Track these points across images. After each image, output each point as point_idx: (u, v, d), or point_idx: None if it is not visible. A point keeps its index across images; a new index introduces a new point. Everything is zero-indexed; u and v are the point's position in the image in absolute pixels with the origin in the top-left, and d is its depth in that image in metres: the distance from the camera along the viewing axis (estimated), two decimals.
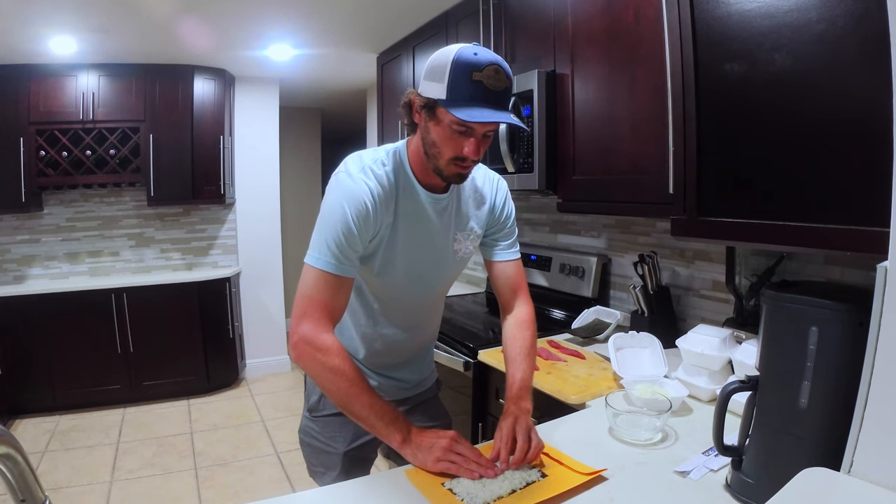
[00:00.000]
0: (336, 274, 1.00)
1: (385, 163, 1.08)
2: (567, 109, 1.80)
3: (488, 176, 1.25)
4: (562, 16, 1.81)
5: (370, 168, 1.05)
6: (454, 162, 1.01)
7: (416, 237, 1.11)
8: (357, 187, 1.02)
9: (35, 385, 3.47)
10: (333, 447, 1.23)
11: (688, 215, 1.26)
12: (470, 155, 0.99)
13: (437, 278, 1.20)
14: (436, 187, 1.11)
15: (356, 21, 2.90)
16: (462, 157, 1.00)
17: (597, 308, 1.94)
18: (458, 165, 1.02)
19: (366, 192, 1.02)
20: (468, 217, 1.19)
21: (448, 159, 1.01)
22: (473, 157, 1.00)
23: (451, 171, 1.03)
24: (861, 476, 0.70)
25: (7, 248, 3.80)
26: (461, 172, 1.03)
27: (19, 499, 0.56)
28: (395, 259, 1.10)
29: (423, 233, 1.12)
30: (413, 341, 1.26)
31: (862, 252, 0.89)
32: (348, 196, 1.01)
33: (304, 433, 1.29)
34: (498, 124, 0.99)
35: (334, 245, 1.00)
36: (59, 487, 2.67)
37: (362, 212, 1.01)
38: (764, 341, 0.88)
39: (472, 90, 0.93)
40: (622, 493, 0.90)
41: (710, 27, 1.17)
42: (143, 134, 3.67)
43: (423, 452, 0.95)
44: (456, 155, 1.00)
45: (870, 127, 0.89)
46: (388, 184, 1.06)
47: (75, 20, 2.77)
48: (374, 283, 1.15)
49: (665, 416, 1.10)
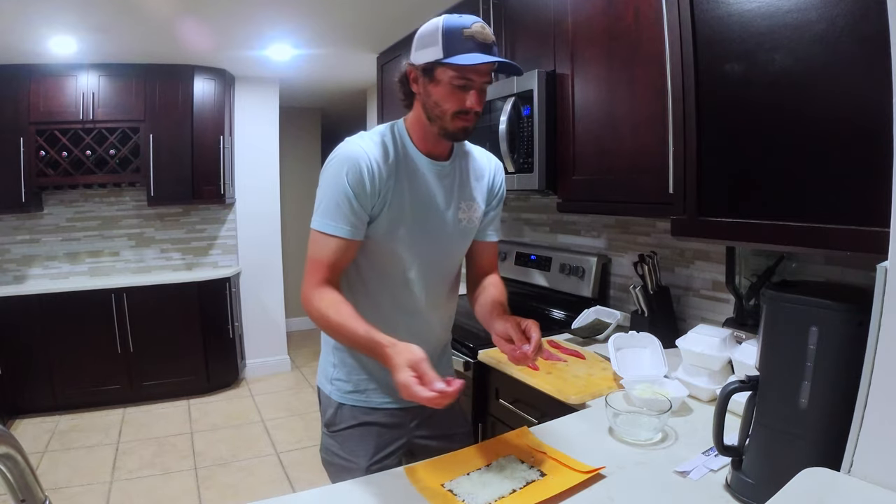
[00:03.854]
0: (333, 235, 1.06)
1: (383, 133, 1.14)
2: (567, 109, 1.80)
3: (487, 155, 1.30)
4: (562, 16, 1.81)
5: (367, 136, 1.12)
6: (458, 116, 1.07)
7: (421, 199, 1.15)
8: (353, 150, 1.08)
9: (35, 385, 3.47)
10: (355, 462, 1.17)
11: (688, 215, 1.26)
12: (473, 106, 1.06)
13: (446, 244, 1.21)
14: (437, 156, 1.16)
15: (356, 21, 2.90)
16: (465, 111, 1.06)
17: (597, 308, 1.94)
18: (462, 119, 1.07)
19: (362, 154, 1.07)
20: (471, 188, 1.23)
21: (452, 115, 1.07)
22: (476, 109, 1.07)
23: (457, 126, 1.08)
24: (861, 476, 0.70)
25: (7, 248, 3.80)
26: (466, 126, 1.09)
27: (19, 499, 0.56)
28: (404, 219, 1.13)
29: (428, 196, 1.16)
30: (432, 330, 1.25)
31: (862, 252, 0.89)
32: (344, 159, 1.07)
33: (325, 452, 1.24)
34: (491, 75, 1.08)
35: (332, 206, 1.06)
36: (59, 487, 2.67)
37: (359, 173, 1.06)
38: (764, 341, 0.88)
39: (468, 45, 1.02)
40: (622, 493, 0.90)
41: (710, 27, 1.17)
42: (143, 134, 3.67)
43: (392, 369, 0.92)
44: (459, 108, 1.06)
45: (870, 127, 0.89)
46: (387, 149, 1.11)
47: (75, 20, 2.77)
48: (387, 250, 1.14)
49: (665, 416, 1.10)
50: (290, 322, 4.77)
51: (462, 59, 1.01)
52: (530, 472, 0.96)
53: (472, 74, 1.04)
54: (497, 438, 1.11)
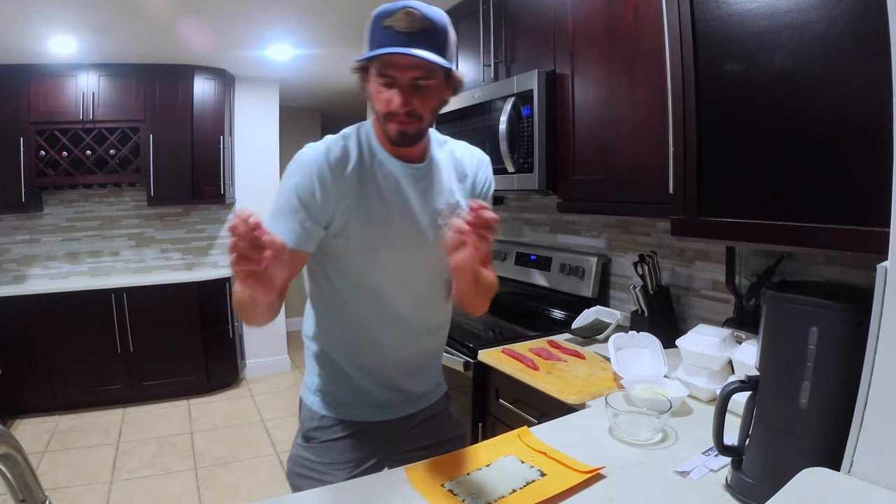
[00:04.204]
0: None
1: (347, 135, 1.06)
2: (567, 109, 1.80)
3: (470, 150, 1.19)
4: (562, 16, 1.81)
5: (327, 140, 1.04)
6: (389, 118, 0.97)
7: (394, 207, 1.05)
8: (307, 157, 1.01)
9: (35, 385, 3.47)
10: (333, 475, 1.07)
11: (688, 215, 1.26)
12: (396, 108, 0.94)
13: (426, 253, 1.10)
14: (410, 157, 1.06)
15: (356, 21, 2.88)
16: (392, 112, 0.96)
17: (597, 308, 1.94)
18: (395, 122, 0.97)
19: (316, 161, 1.00)
20: (452, 191, 1.11)
21: (383, 116, 0.98)
22: (399, 110, 0.95)
23: (391, 129, 0.98)
24: (861, 476, 0.70)
25: (7, 248, 3.81)
26: (400, 129, 0.98)
27: (19, 499, 0.56)
28: (375, 230, 1.04)
29: (401, 203, 1.06)
30: (419, 338, 1.15)
31: (862, 252, 0.89)
32: (297, 166, 1.01)
33: (297, 464, 1.13)
34: (431, 69, 0.93)
35: (278, 213, 0.99)
36: (59, 487, 2.67)
37: (310, 181, 0.98)
38: (764, 341, 0.88)
39: (382, 36, 0.92)
40: (622, 493, 0.90)
41: (710, 27, 1.17)
42: (143, 134, 3.67)
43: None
44: (386, 110, 0.96)
45: (870, 127, 0.89)
46: (348, 154, 1.02)
47: (75, 20, 2.77)
48: (361, 262, 1.06)
49: (665, 416, 1.10)
50: (290, 322, 4.76)
51: (376, 51, 0.91)
52: (530, 472, 0.96)
53: (391, 70, 0.93)
54: (497, 438, 1.11)
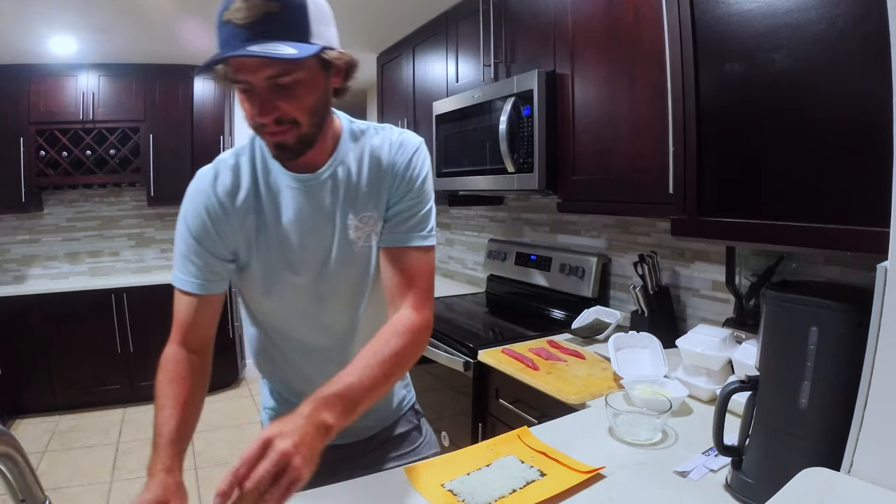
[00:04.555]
0: (180, 289, 0.91)
1: (241, 152, 0.93)
2: (567, 109, 1.80)
3: (390, 137, 0.98)
4: (562, 16, 1.81)
5: (218, 162, 0.93)
6: (259, 131, 0.84)
7: (289, 229, 0.92)
8: (195, 188, 0.91)
9: (35, 385, 3.47)
10: None
11: (688, 215, 1.26)
12: (255, 117, 0.80)
13: (339, 276, 0.95)
14: (307, 165, 0.91)
15: (356, 21, 2.90)
16: (259, 124, 0.82)
17: (597, 308, 1.94)
18: (265, 133, 0.83)
19: (204, 191, 0.90)
20: (366, 195, 0.95)
21: (253, 130, 0.84)
22: (262, 120, 0.79)
23: (267, 143, 0.85)
24: (861, 476, 0.70)
25: (7, 248, 3.81)
26: (276, 141, 0.83)
27: (19, 499, 0.56)
28: (274, 258, 0.92)
29: (296, 223, 0.92)
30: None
31: (862, 252, 0.89)
32: (187, 200, 0.91)
33: None
34: (276, 66, 0.76)
35: (180, 257, 0.91)
36: (59, 487, 2.67)
37: (200, 217, 0.89)
38: (764, 341, 0.88)
39: (224, 34, 0.76)
40: (622, 493, 0.90)
41: (710, 27, 1.17)
42: (143, 134, 3.67)
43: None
44: (252, 121, 0.82)
45: (870, 127, 0.89)
46: (240, 176, 0.91)
47: (75, 20, 2.77)
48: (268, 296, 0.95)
49: (665, 416, 1.10)
50: None
51: (213, 57, 0.76)
52: (530, 472, 0.95)
53: (241, 74, 0.77)
54: (497, 438, 1.11)
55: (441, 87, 2.57)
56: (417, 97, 2.85)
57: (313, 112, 0.83)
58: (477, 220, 3.01)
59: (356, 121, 1.00)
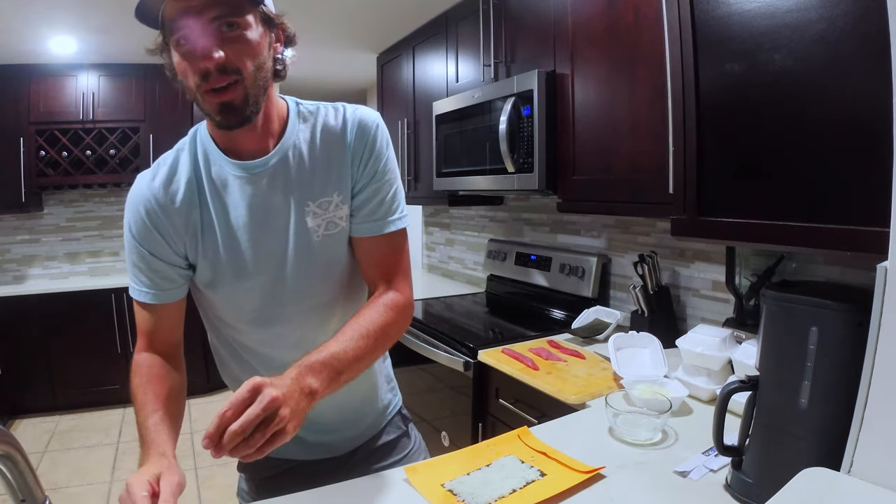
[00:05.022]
0: (136, 299, 0.88)
1: (181, 147, 0.88)
2: (567, 109, 1.80)
3: (345, 114, 0.91)
4: (562, 16, 1.81)
5: (162, 161, 0.87)
6: (204, 88, 0.75)
7: (237, 224, 0.85)
8: (134, 193, 0.86)
9: (35, 385, 3.47)
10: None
11: (688, 215, 1.26)
12: (198, 62, 0.73)
13: (299, 272, 0.88)
14: (252, 153, 0.85)
15: (356, 21, 2.90)
16: (204, 72, 0.74)
17: (597, 308, 1.94)
18: (209, 92, 0.75)
19: (143, 194, 0.84)
20: (324, 178, 0.87)
21: (196, 89, 0.76)
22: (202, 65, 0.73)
23: (210, 104, 0.77)
24: (861, 476, 0.70)
25: (7, 248, 3.81)
26: (221, 101, 0.76)
27: (19, 499, 0.56)
28: (222, 259, 0.86)
29: (245, 217, 0.85)
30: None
31: (862, 252, 0.89)
32: (127, 206, 0.87)
33: (245, 497, 1.08)
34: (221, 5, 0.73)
35: (131, 266, 0.87)
36: (59, 487, 2.67)
37: (142, 222, 0.84)
38: (764, 341, 0.88)
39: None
40: (622, 493, 0.90)
41: (710, 27, 1.17)
42: (143, 134, 3.67)
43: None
44: (197, 73, 0.74)
45: (870, 127, 0.89)
46: (178, 173, 0.85)
47: (75, 20, 2.77)
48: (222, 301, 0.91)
49: (665, 416, 1.10)
50: None
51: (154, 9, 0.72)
52: (530, 472, 0.95)
53: (183, 19, 0.72)
54: (497, 438, 1.11)
55: (441, 87, 2.57)
56: (417, 97, 2.85)
57: (258, 67, 0.78)
58: (477, 220, 3.01)
59: (304, 102, 0.93)
